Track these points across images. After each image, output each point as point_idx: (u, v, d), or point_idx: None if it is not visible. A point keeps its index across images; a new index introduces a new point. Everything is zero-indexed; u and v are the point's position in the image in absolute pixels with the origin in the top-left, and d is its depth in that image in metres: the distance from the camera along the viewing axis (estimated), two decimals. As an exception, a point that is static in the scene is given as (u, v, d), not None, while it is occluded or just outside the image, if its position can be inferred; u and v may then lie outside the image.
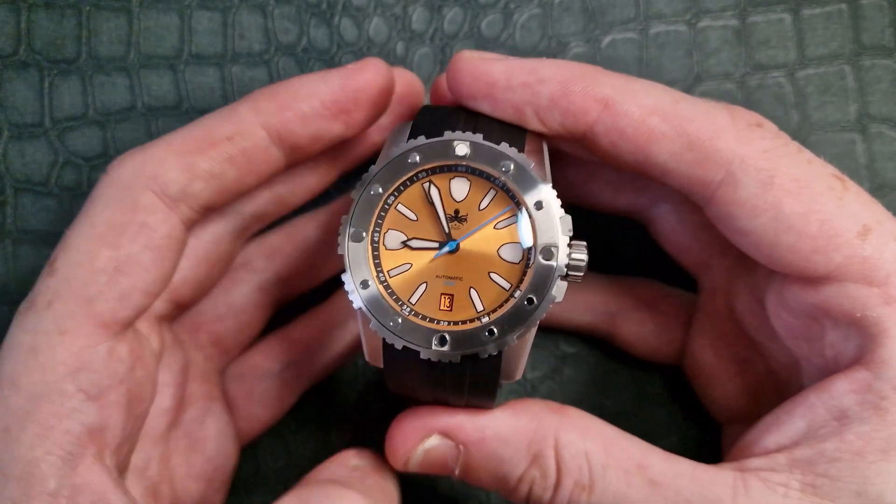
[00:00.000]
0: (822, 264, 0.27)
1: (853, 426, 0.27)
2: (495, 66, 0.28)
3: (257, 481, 0.38)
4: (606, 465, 0.28)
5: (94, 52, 0.37)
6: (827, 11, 0.38)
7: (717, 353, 0.35)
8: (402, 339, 0.27)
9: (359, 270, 0.27)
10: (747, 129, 0.28)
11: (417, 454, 0.29)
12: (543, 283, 0.27)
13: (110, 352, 0.27)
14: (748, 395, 0.35)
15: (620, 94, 0.28)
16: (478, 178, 0.28)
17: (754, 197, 0.27)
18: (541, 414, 0.29)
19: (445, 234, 0.28)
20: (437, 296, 0.28)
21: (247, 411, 0.35)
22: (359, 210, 0.27)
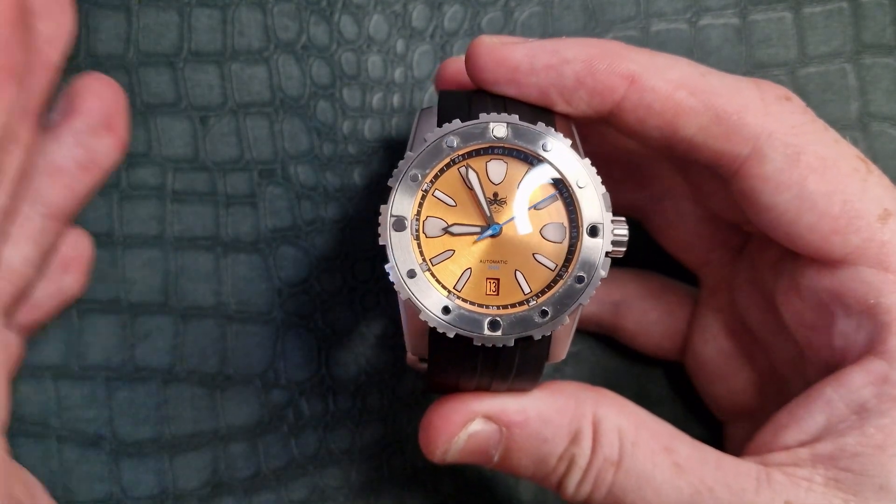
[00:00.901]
0: (839, 246, 0.27)
1: (873, 419, 0.27)
2: (517, 51, 0.28)
3: (257, 481, 0.38)
4: (636, 444, 0.28)
5: (92, 49, 0.37)
6: (828, 10, 0.38)
7: (719, 349, 0.35)
8: (455, 328, 0.27)
9: (404, 260, 0.27)
10: (776, 102, 0.28)
11: (460, 440, 0.29)
12: (591, 260, 0.27)
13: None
14: (750, 391, 0.35)
15: (646, 70, 0.28)
16: (514, 159, 0.27)
17: (780, 172, 0.27)
18: (578, 392, 0.29)
19: (487, 217, 0.27)
20: (483, 281, 0.27)
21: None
22: (398, 197, 0.27)
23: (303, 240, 0.38)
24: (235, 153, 0.37)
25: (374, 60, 0.37)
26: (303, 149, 0.37)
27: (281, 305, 0.38)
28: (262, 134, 0.37)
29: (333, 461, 0.38)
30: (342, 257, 0.38)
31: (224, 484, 0.38)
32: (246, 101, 0.37)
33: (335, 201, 0.38)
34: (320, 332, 0.38)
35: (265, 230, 0.37)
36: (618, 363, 0.39)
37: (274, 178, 0.37)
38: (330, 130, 0.37)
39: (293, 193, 0.37)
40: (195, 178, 0.37)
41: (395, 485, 0.38)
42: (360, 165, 0.38)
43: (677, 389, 0.39)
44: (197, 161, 0.37)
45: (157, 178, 0.37)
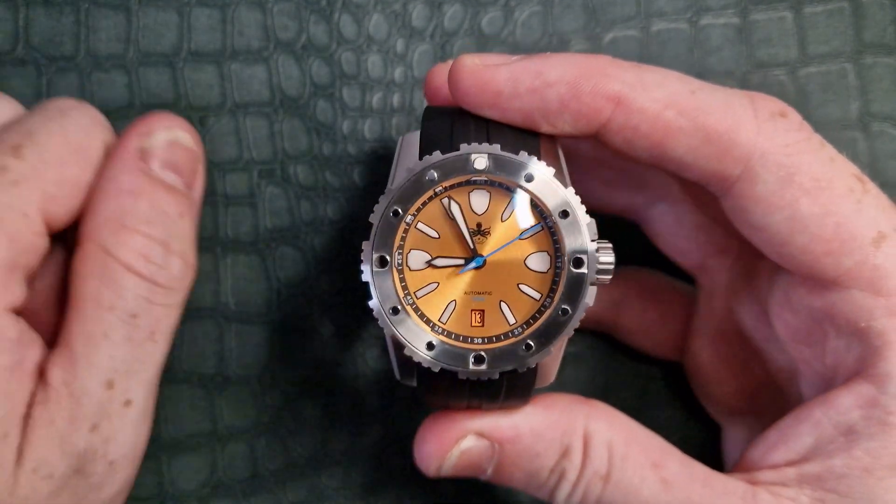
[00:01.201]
0: (831, 268, 0.27)
1: (861, 442, 0.27)
2: (499, 73, 0.27)
3: (255, 482, 0.38)
4: (625, 458, 0.28)
5: (92, 49, 0.37)
6: (828, 9, 0.38)
7: (715, 353, 0.35)
8: (440, 363, 0.27)
9: (387, 297, 0.27)
10: (770, 119, 0.27)
11: (453, 456, 0.29)
12: (576, 290, 0.26)
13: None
14: (746, 395, 0.34)
15: (632, 89, 0.27)
16: (497, 188, 0.27)
17: (772, 194, 0.27)
18: (570, 406, 0.29)
19: (471, 249, 0.27)
20: (468, 312, 0.27)
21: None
22: (380, 234, 0.27)
23: (302, 240, 0.38)
24: (235, 153, 0.37)
25: (373, 60, 0.37)
26: (302, 149, 0.37)
27: (279, 306, 0.38)
28: (262, 134, 0.37)
29: (332, 462, 0.38)
30: (341, 258, 0.38)
31: (222, 485, 0.38)
32: (245, 100, 0.37)
33: (334, 201, 0.38)
34: (319, 332, 0.38)
35: (264, 230, 0.37)
36: (617, 364, 0.39)
37: (273, 178, 0.37)
38: (329, 130, 0.37)
39: (292, 194, 0.37)
40: (194, 179, 0.37)
41: (394, 485, 0.38)
42: (359, 165, 0.38)
43: (678, 390, 0.39)
44: (196, 161, 0.37)
45: (156, 178, 0.36)
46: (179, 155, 0.32)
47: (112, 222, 0.30)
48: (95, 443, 0.29)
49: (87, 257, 0.30)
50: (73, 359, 0.29)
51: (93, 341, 0.29)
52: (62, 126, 0.30)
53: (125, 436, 0.30)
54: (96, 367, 0.29)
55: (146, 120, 0.32)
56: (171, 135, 0.32)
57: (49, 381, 0.29)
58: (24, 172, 0.28)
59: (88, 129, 0.31)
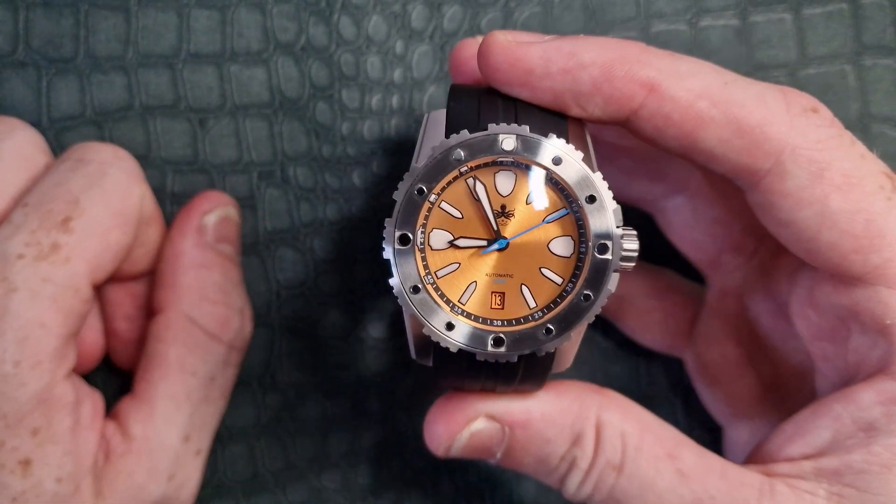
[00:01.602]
0: (859, 264, 0.27)
1: (881, 438, 0.26)
2: (532, 51, 0.27)
3: (255, 483, 0.38)
4: (639, 449, 0.28)
5: (91, 50, 0.37)
6: (828, 11, 0.38)
7: (723, 354, 0.35)
8: (459, 343, 0.26)
9: (407, 275, 0.26)
10: (802, 114, 0.27)
11: (462, 438, 0.29)
12: (599, 276, 0.26)
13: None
14: (751, 397, 0.34)
15: (667, 77, 0.26)
16: (523, 170, 0.27)
17: (802, 189, 0.27)
18: (583, 394, 0.29)
19: (494, 230, 0.27)
20: (488, 294, 0.27)
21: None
22: (403, 212, 0.26)
23: (301, 241, 0.38)
24: (234, 155, 0.37)
25: (373, 61, 0.37)
26: (302, 150, 0.37)
27: (279, 307, 0.38)
28: (261, 135, 0.37)
29: (332, 463, 0.38)
30: (341, 259, 0.38)
31: (223, 485, 0.38)
32: (245, 102, 0.37)
33: (334, 203, 0.38)
34: (318, 334, 0.38)
35: (264, 232, 0.37)
36: (617, 365, 0.39)
37: (273, 179, 0.37)
38: (329, 132, 0.37)
39: (292, 195, 0.37)
40: (195, 180, 0.37)
41: (394, 487, 0.38)
42: (359, 167, 0.38)
43: (677, 392, 0.39)
44: (196, 163, 0.37)
45: (156, 179, 0.36)
46: (229, 228, 0.35)
47: (193, 293, 0.33)
48: (171, 490, 0.33)
49: (171, 325, 0.33)
50: (155, 416, 0.32)
51: (175, 402, 0.33)
52: (103, 191, 0.31)
53: (194, 480, 0.34)
54: (177, 426, 0.33)
55: (205, 199, 0.35)
56: (224, 212, 0.35)
57: (130, 433, 0.32)
58: (74, 247, 0.29)
59: (127, 189, 0.32)
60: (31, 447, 0.28)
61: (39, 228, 0.29)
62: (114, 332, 0.35)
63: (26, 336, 0.28)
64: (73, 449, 0.29)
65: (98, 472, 0.30)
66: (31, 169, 0.32)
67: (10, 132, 0.32)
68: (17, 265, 0.28)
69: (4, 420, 0.28)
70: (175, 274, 0.34)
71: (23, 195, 0.31)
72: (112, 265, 0.31)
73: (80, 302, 0.30)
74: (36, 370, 0.28)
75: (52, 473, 0.29)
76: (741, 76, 0.28)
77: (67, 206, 0.30)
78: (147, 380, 0.33)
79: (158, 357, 0.33)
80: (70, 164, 0.32)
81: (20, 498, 0.28)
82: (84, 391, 0.31)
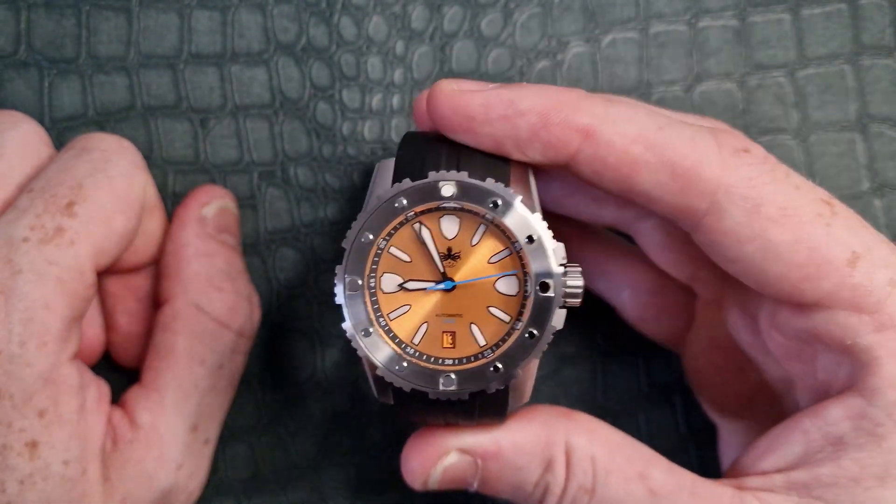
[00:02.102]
0: (811, 292, 0.27)
1: (849, 452, 0.27)
2: (473, 99, 0.28)
3: (256, 483, 0.38)
4: (609, 471, 0.28)
5: (93, 51, 0.37)
6: (827, 11, 0.38)
7: (712, 360, 0.35)
8: (410, 383, 0.27)
9: (359, 320, 0.28)
10: (733, 155, 0.28)
11: (436, 472, 0.30)
12: (543, 314, 0.27)
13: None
14: (743, 399, 0.35)
15: (601, 123, 0.27)
16: (467, 213, 0.28)
17: (740, 226, 0.27)
18: (551, 420, 0.29)
19: (441, 273, 0.28)
20: (440, 334, 0.28)
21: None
22: (352, 258, 0.28)
23: (302, 242, 0.38)
24: (235, 155, 0.37)
25: (373, 62, 0.38)
26: (302, 150, 0.37)
27: (279, 307, 0.38)
28: (262, 136, 0.37)
29: (333, 462, 0.38)
30: (341, 259, 0.38)
31: (223, 485, 0.38)
32: (246, 102, 0.37)
33: (334, 203, 0.38)
34: (319, 333, 0.38)
35: (264, 232, 0.37)
36: (616, 365, 0.39)
37: (273, 179, 0.37)
38: (329, 132, 0.37)
39: (292, 195, 0.37)
40: (196, 180, 0.37)
41: (394, 486, 0.38)
42: (359, 167, 0.38)
43: (676, 392, 0.39)
44: (197, 163, 0.37)
45: (158, 179, 0.37)
46: (229, 219, 0.36)
47: (199, 281, 0.34)
48: (180, 479, 0.33)
49: (178, 314, 0.33)
50: (164, 405, 0.32)
51: (183, 391, 0.33)
52: (107, 176, 0.31)
53: (203, 469, 0.34)
54: (185, 415, 0.33)
55: (202, 192, 0.36)
56: (223, 203, 0.36)
57: (138, 422, 0.32)
58: (78, 230, 0.30)
59: (130, 176, 0.32)
60: (38, 429, 0.28)
61: (44, 212, 0.29)
62: (114, 327, 0.35)
63: (31, 317, 0.28)
64: (80, 432, 0.30)
65: (105, 457, 0.31)
66: (36, 159, 0.32)
67: (14, 124, 0.32)
68: (21, 248, 0.29)
69: (11, 400, 0.28)
70: (180, 264, 0.34)
71: (27, 183, 0.31)
72: (115, 250, 0.31)
73: (84, 286, 0.30)
74: (41, 351, 0.28)
75: (59, 456, 0.29)
76: (676, 118, 0.28)
77: (71, 191, 0.30)
78: (155, 369, 0.33)
79: (166, 346, 0.33)
80: (74, 152, 0.32)
81: (27, 480, 0.28)
82: (88, 376, 0.31)
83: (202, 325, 0.34)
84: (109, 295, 0.35)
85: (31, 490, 0.28)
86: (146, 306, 0.35)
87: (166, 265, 0.34)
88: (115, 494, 0.30)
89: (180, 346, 0.33)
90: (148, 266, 0.35)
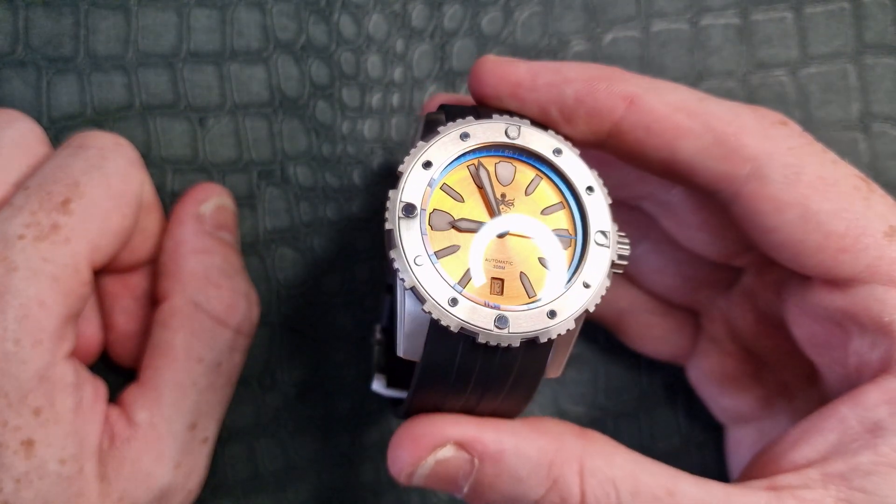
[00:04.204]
0: (849, 265, 0.27)
1: (887, 438, 0.26)
2: (520, 67, 0.28)
3: (255, 483, 0.38)
4: (636, 493, 0.26)
5: (91, 50, 0.37)
6: (829, 10, 0.38)
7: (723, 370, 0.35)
8: (461, 320, 0.25)
9: (411, 247, 0.26)
10: (773, 126, 0.28)
11: (427, 465, 0.27)
12: (597, 267, 0.26)
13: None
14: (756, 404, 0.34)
15: (646, 92, 0.28)
16: (523, 163, 0.27)
17: (781, 192, 0.27)
18: (564, 436, 0.27)
19: (495, 216, 0.27)
20: (488, 280, 0.26)
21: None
22: (409, 183, 0.26)
23: (301, 241, 0.38)
24: (234, 154, 0.37)
25: (373, 60, 0.37)
26: (301, 149, 0.37)
27: (279, 307, 0.38)
28: (261, 135, 0.37)
29: (333, 463, 0.38)
30: (341, 259, 0.38)
31: (223, 485, 0.38)
32: (245, 101, 0.37)
33: (334, 202, 0.38)
34: (318, 334, 0.38)
35: (264, 231, 0.37)
36: (618, 366, 0.39)
37: (273, 179, 0.37)
38: (329, 131, 0.37)
39: (292, 194, 0.37)
40: (194, 179, 0.37)
41: (394, 486, 0.38)
42: (359, 166, 0.38)
43: (678, 392, 0.39)
44: (196, 162, 0.37)
45: (156, 178, 0.36)
46: (226, 216, 0.35)
47: (197, 278, 0.33)
48: (178, 478, 0.32)
49: (176, 312, 0.33)
50: (161, 403, 0.32)
51: (181, 389, 0.32)
52: (104, 174, 0.31)
53: (201, 468, 0.34)
54: (183, 413, 0.32)
55: (200, 189, 0.35)
56: (220, 200, 0.35)
57: (135, 420, 0.32)
58: (73, 227, 0.29)
59: (127, 174, 0.32)
60: (33, 427, 0.28)
61: (40, 210, 0.29)
62: (112, 326, 0.35)
63: (26, 314, 0.28)
64: (76, 430, 0.29)
65: (102, 456, 0.30)
66: (32, 157, 0.32)
67: (10, 122, 0.32)
68: (17, 245, 0.28)
69: (6, 398, 0.28)
70: (177, 262, 0.34)
71: (24, 180, 0.31)
72: (112, 248, 0.31)
73: (80, 283, 0.30)
74: (37, 348, 0.28)
75: (55, 454, 0.29)
76: (713, 96, 0.29)
77: (67, 189, 0.30)
78: (152, 367, 0.33)
79: (164, 344, 0.33)
80: (70, 150, 0.32)
81: (23, 479, 0.28)
82: (84, 375, 0.31)
83: (200, 323, 0.33)
84: (107, 294, 0.35)
85: (28, 489, 0.28)
86: (144, 305, 0.35)
87: (164, 263, 0.34)
88: (113, 493, 0.30)
89: (178, 344, 0.33)
90: (145, 265, 0.35)
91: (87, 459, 0.30)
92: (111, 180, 0.31)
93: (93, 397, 0.31)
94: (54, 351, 0.29)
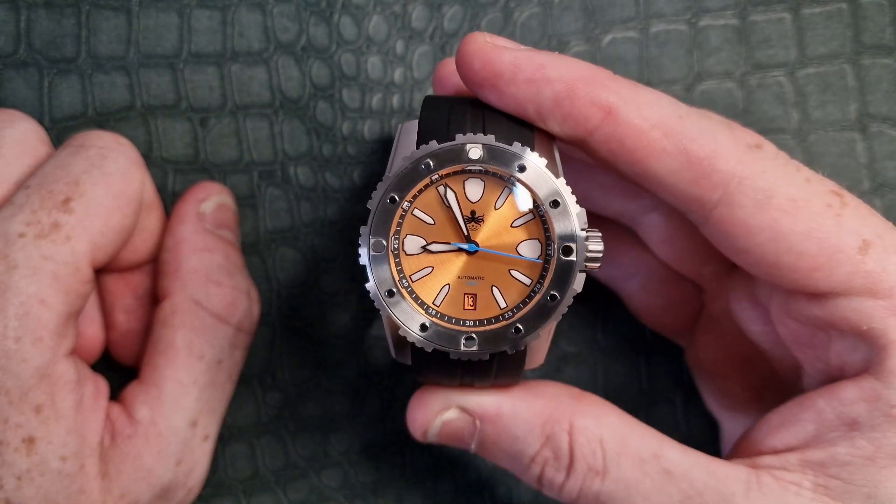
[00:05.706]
0: (823, 281, 0.28)
1: (864, 432, 0.27)
2: (503, 56, 0.28)
3: (255, 483, 0.38)
4: (621, 453, 0.29)
5: (93, 51, 0.37)
6: (827, 10, 0.38)
7: (719, 352, 0.35)
8: (433, 343, 0.28)
9: (383, 280, 0.28)
10: (747, 149, 0.28)
11: (435, 425, 0.30)
12: (565, 277, 0.27)
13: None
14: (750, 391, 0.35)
15: (625, 104, 0.27)
16: (492, 178, 0.28)
17: (751, 217, 0.28)
18: (558, 397, 0.30)
19: (464, 236, 0.28)
20: (461, 296, 0.28)
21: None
22: (377, 219, 0.28)
23: (302, 241, 0.38)
24: (235, 154, 0.37)
25: (373, 61, 0.38)
26: (302, 150, 0.37)
27: (279, 306, 0.38)
28: (262, 135, 0.37)
29: (333, 462, 0.38)
30: (341, 259, 0.38)
31: (223, 484, 0.38)
32: (246, 102, 0.37)
33: (334, 202, 0.38)
34: (318, 333, 0.38)
35: (264, 231, 0.37)
36: (617, 364, 0.39)
37: (273, 179, 0.37)
38: (329, 131, 0.37)
39: (292, 195, 0.37)
40: (195, 180, 0.37)
41: (394, 485, 0.38)
42: (359, 166, 0.38)
43: (677, 390, 0.39)
44: (197, 162, 0.37)
45: (157, 179, 0.37)
46: (227, 214, 0.36)
47: (198, 276, 0.34)
48: (179, 475, 0.33)
49: (177, 309, 0.33)
50: (163, 400, 0.32)
51: (182, 386, 0.33)
52: (104, 173, 0.31)
53: (202, 465, 0.34)
54: (184, 410, 0.33)
55: (200, 188, 0.36)
56: (220, 199, 0.36)
57: (136, 417, 0.32)
58: (74, 226, 0.30)
59: (127, 173, 0.32)
60: (34, 425, 0.28)
61: (40, 208, 0.29)
62: (113, 325, 0.35)
63: (27, 312, 0.28)
64: (77, 428, 0.30)
65: (104, 453, 0.31)
66: (33, 157, 0.32)
67: (12, 122, 0.32)
68: (18, 243, 0.29)
69: (7, 396, 0.28)
70: (178, 260, 0.34)
71: (24, 180, 0.31)
72: (113, 247, 0.31)
73: (80, 281, 0.30)
74: (37, 346, 0.28)
75: (56, 452, 0.29)
76: (695, 110, 0.29)
77: (68, 187, 0.30)
78: (153, 364, 0.33)
79: (165, 342, 0.33)
80: (71, 149, 0.32)
81: (25, 476, 0.28)
82: (85, 372, 0.31)
83: (201, 320, 0.33)
84: (108, 293, 0.35)
85: (29, 486, 0.28)
86: (145, 304, 0.35)
87: (164, 261, 0.34)
88: (114, 490, 0.30)
89: (179, 341, 0.33)
90: (146, 263, 0.35)
91: (89, 456, 0.30)
92: (112, 179, 0.31)
93: (94, 395, 0.31)
94: (55, 348, 0.29)
